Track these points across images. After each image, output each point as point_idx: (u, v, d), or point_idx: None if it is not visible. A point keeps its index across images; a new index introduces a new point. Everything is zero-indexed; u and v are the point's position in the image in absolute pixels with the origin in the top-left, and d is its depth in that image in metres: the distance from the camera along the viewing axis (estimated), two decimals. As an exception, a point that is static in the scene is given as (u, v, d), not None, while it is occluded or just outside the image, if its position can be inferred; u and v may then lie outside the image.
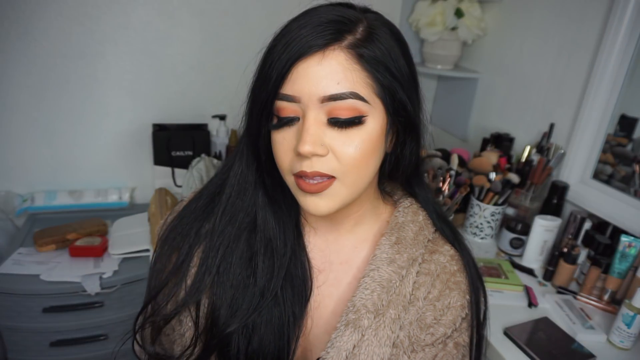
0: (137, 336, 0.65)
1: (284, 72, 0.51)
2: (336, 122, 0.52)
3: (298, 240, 0.64)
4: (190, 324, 0.61)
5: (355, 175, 0.54)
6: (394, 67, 0.54)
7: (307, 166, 0.52)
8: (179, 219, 0.64)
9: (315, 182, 0.53)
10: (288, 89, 0.51)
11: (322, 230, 0.65)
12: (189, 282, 0.61)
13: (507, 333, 1.06)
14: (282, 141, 0.54)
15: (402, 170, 0.62)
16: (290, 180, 0.56)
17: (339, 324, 0.59)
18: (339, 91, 0.50)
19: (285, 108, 0.52)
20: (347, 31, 0.51)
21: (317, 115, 0.52)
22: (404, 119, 0.56)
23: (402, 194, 0.70)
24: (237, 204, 0.61)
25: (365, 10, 0.56)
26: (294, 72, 0.51)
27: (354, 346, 0.58)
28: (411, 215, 0.66)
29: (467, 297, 0.63)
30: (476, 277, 0.65)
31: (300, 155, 0.52)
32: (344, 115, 0.51)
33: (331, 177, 0.53)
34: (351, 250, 0.65)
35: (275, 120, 0.54)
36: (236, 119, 1.98)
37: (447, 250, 0.65)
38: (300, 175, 0.53)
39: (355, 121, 0.52)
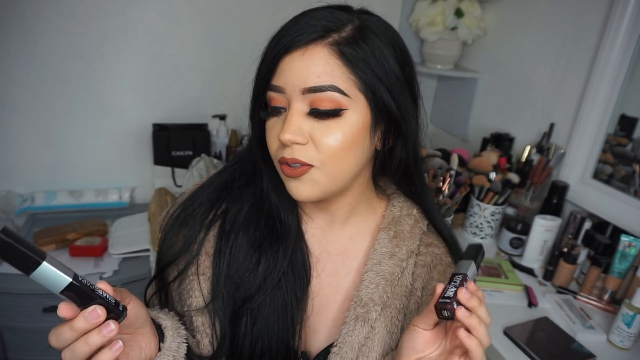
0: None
1: (273, 65, 0.55)
2: (316, 113, 0.55)
3: (297, 228, 0.66)
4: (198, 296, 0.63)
5: (334, 165, 0.56)
6: (377, 66, 0.55)
7: (288, 153, 0.56)
8: (191, 200, 0.66)
9: (294, 167, 0.56)
10: (276, 80, 0.55)
11: (318, 220, 0.68)
12: (202, 259, 0.64)
13: (507, 333, 1.06)
14: (271, 129, 0.58)
15: (392, 168, 0.64)
16: (277, 166, 0.59)
17: (347, 318, 0.62)
18: (318, 84, 0.53)
19: (275, 98, 0.57)
20: (333, 30, 0.54)
21: (300, 106, 0.55)
22: (386, 116, 0.58)
23: (395, 189, 0.72)
24: (245, 189, 0.65)
25: (363, 12, 0.58)
26: (281, 65, 0.55)
27: (366, 338, 0.61)
28: (406, 209, 0.69)
29: None
30: None
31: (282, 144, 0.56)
32: (324, 106, 0.54)
33: (309, 165, 0.56)
34: (347, 242, 0.68)
35: (267, 109, 0.59)
36: (236, 119, 1.99)
37: (441, 242, 0.69)
38: (282, 162, 0.57)
39: (333, 113, 0.54)
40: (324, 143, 0.55)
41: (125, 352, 0.50)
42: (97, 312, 0.43)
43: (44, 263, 0.39)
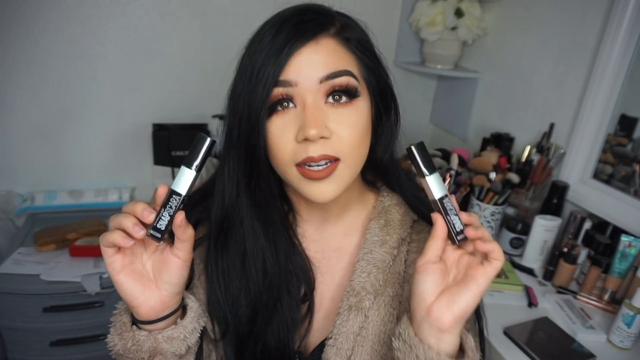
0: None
1: (283, 61, 0.52)
2: (334, 96, 0.54)
3: (292, 245, 0.65)
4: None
5: (356, 155, 0.56)
6: (372, 50, 0.58)
7: (314, 151, 0.52)
8: None
9: (321, 167, 0.53)
10: (285, 74, 0.53)
11: (313, 221, 0.67)
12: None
13: (507, 333, 1.06)
14: (281, 131, 0.54)
15: (379, 158, 0.64)
16: (292, 172, 0.55)
17: (341, 308, 0.61)
18: (336, 69, 0.53)
19: (282, 94, 0.53)
20: (329, 23, 0.55)
21: (315, 100, 0.53)
22: (387, 101, 0.60)
23: (382, 182, 0.72)
24: (226, 213, 0.62)
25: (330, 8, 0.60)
26: (293, 59, 0.52)
27: (360, 327, 0.60)
28: (396, 199, 0.68)
29: None
30: None
31: (305, 141, 0.52)
32: (342, 85, 0.54)
33: (336, 160, 0.54)
34: (342, 237, 0.68)
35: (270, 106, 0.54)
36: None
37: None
38: (305, 163, 0.53)
39: (351, 93, 0.54)
40: (346, 132, 0.54)
41: (132, 271, 0.56)
42: (147, 212, 0.49)
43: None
